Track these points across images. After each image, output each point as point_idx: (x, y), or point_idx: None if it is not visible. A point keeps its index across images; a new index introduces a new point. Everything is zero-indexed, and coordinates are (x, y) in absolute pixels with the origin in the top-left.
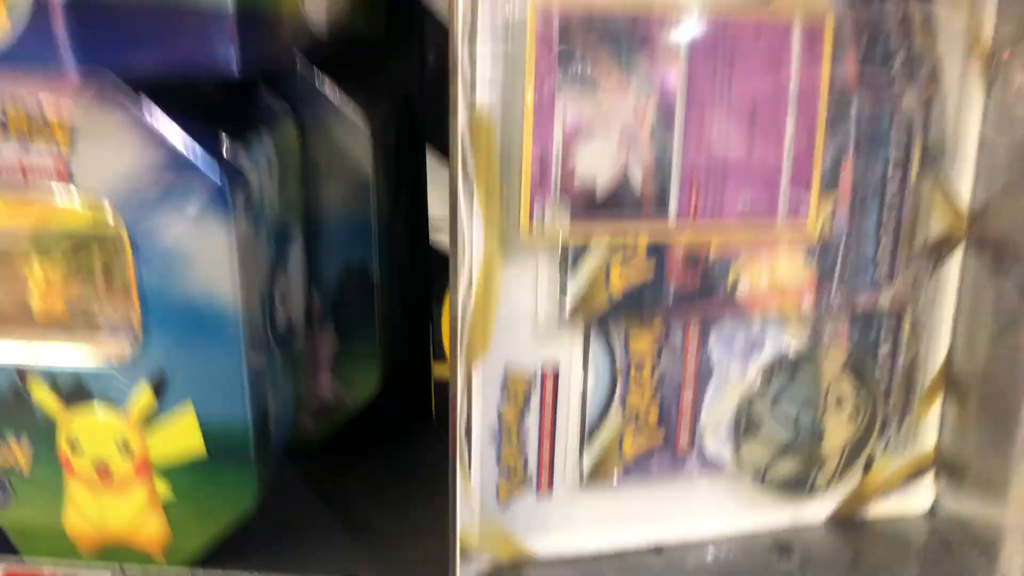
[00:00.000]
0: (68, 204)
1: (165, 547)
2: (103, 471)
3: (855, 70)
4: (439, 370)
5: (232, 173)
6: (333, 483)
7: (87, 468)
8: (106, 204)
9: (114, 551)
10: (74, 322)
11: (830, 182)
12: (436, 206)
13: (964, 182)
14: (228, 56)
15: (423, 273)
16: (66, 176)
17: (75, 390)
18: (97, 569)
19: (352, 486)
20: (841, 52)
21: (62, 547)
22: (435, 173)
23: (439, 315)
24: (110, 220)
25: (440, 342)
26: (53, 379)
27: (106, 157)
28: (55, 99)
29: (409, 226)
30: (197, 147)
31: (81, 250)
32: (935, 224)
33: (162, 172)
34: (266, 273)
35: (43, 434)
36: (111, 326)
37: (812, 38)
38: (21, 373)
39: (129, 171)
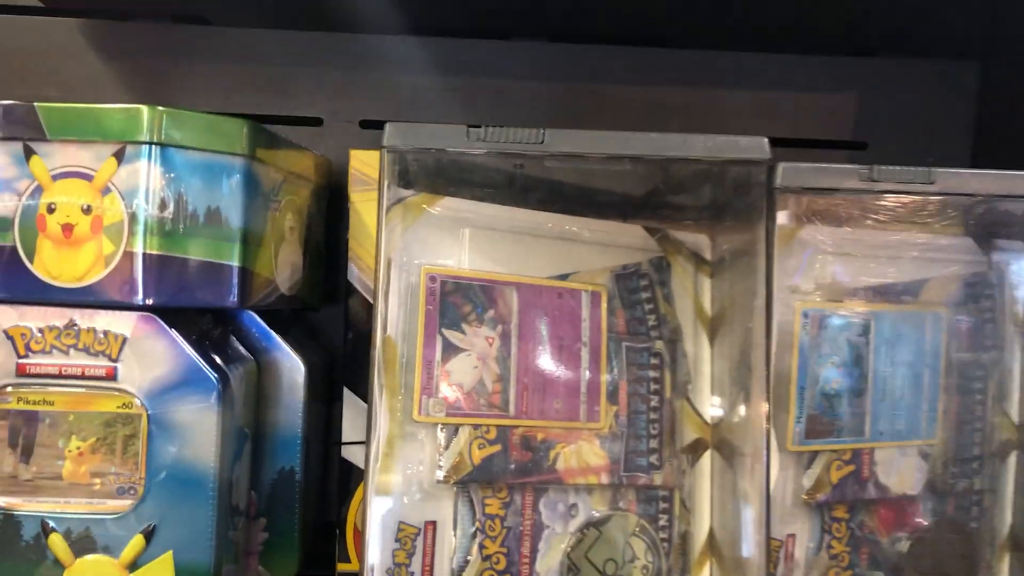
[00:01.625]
0: (107, 395)
1: None
2: None
3: (624, 324)
4: (342, 567)
5: (224, 381)
6: None
7: None
8: (136, 396)
9: None
10: (92, 484)
11: (612, 396)
12: (348, 432)
13: (705, 404)
14: (233, 294)
15: (335, 482)
16: (112, 376)
17: (83, 540)
18: None
19: None
20: (614, 312)
21: None
22: (348, 407)
23: (345, 519)
24: (137, 406)
25: (344, 544)
26: (68, 531)
27: (143, 363)
28: (116, 321)
29: (326, 438)
30: (204, 361)
31: (109, 428)
32: (689, 431)
33: (180, 375)
34: (231, 457)
35: None
36: (120, 487)
37: (595, 302)
38: (44, 526)
39: (157, 373)
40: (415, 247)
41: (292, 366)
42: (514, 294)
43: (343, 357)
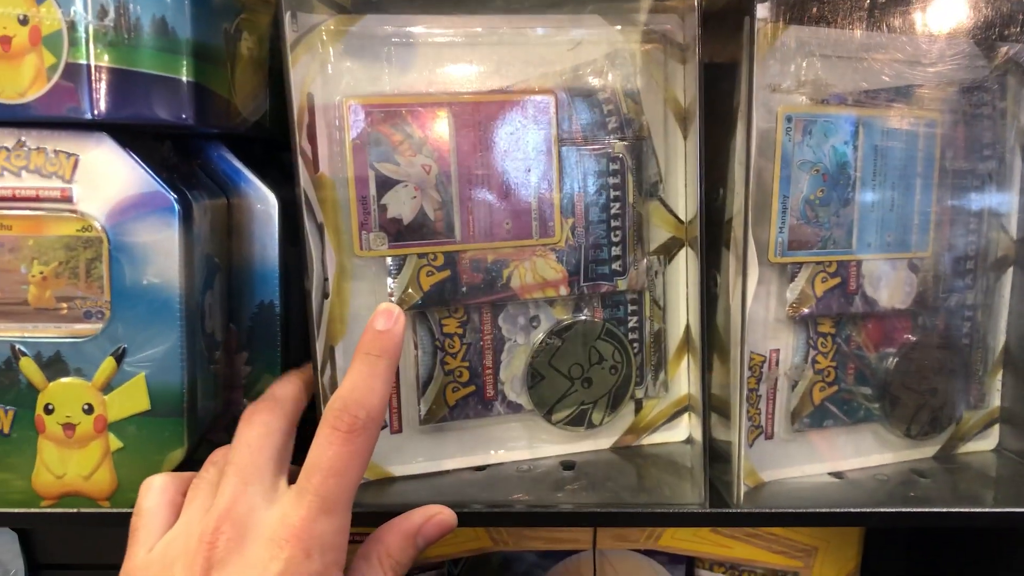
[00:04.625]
0: (65, 218)
1: (111, 494)
2: (69, 428)
3: (579, 130)
4: None
5: (183, 201)
6: None
7: (56, 427)
8: (94, 218)
9: (70, 501)
10: (59, 308)
11: (567, 208)
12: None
13: (680, 202)
14: (186, 110)
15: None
16: (68, 198)
17: (55, 364)
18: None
19: None
20: (567, 118)
21: (28, 499)
22: None
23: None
24: (96, 229)
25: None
26: (39, 355)
27: (98, 184)
28: (66, 141)
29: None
30: (162, 182)
31: (70, 251)
32: (662, 232)
33: (137, 196)
34: (200, 283)
35: (25, 401)
36: (87, 311)
37: (542, 110)
38: (14, 350)
39: (113, 194)
40: (338, 77)
41: (265, 201)
42: (450, 114)
43: None
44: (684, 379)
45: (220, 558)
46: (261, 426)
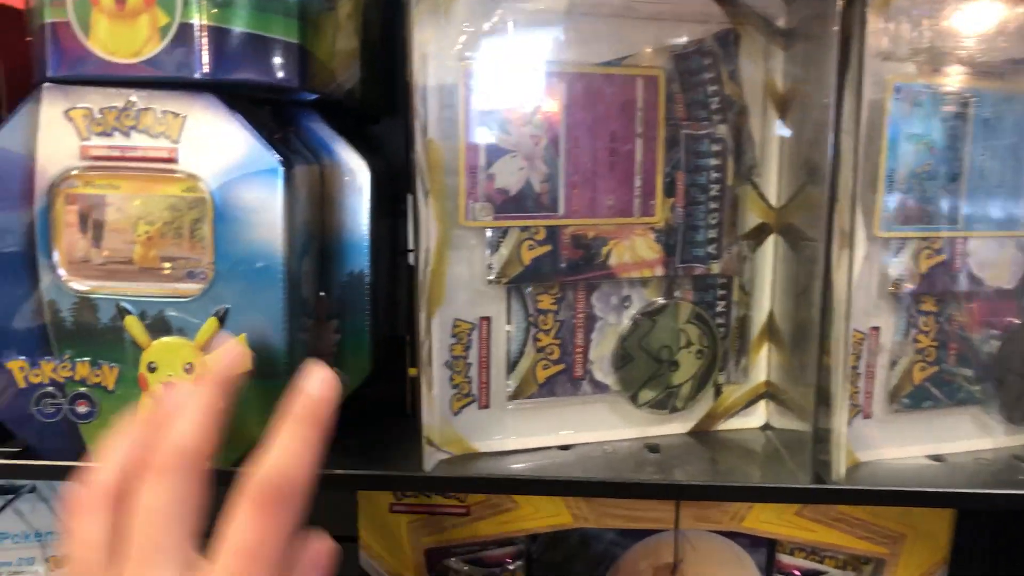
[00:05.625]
0: (171, 178)
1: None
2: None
3: (683, 109)
4: (414, 371)
5: (286, 163)
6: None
7: (159, 386)
8: (200, 178)
9: None
10: (162, 268)
11: (669, 188)
12: (412, 240)
13: (772, 187)
14: (293, 72)
15: (405, 288)
16: (174, 159)
17: (158, 322)
18: None
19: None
20: (673, 96)
21: None
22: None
23: (416, 324)
24: (201, 190)
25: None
26: (144, 313)
27: (204, 145)
28: (174, 101)
29: (394, 250)
30: (267, 143)
31: (175, 212)
32: (752, 217)
33: (243, 156)
34: (299, 247)
35: (129, 359)
36: (190, 271)
37: (651, 88)
38: (120, 309)
39: (220, 155)
40: (452, 40)
41: (357, 169)
42: (562, 86)
43: (406, 164)
44: (763, 366)
45: None
46: (167, 493)
